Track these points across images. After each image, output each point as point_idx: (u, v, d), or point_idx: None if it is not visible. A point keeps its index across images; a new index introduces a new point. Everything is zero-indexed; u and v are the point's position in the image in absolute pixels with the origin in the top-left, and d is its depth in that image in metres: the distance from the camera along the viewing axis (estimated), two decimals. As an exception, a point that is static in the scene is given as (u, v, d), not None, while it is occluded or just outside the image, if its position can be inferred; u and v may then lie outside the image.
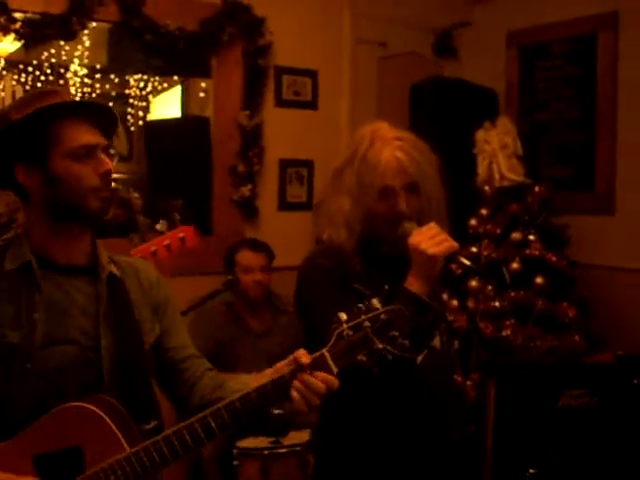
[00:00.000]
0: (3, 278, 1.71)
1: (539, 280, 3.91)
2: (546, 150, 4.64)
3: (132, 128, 7.62)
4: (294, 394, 1.60)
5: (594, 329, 4.01)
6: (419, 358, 2.06)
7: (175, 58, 4.23)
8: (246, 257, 3.78)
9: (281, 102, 4.47)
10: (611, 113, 4.32)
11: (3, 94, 5.64)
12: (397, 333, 1.59)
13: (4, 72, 5.76)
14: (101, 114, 1.78)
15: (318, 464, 2.29)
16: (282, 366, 1.67)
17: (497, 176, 4.14)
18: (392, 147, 2.06)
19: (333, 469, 2.16)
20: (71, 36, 3.88)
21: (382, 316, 1.60)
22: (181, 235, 2.87)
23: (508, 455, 3.22)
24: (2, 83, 5.35)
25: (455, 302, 3.59)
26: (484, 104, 4.52)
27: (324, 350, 1.60)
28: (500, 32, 4.86)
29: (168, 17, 3.99)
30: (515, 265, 3.93)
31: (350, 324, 1.59)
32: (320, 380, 1.60)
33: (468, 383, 3.69)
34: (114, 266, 1.84)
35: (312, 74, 4.59)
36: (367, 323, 1.59)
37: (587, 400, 3.65)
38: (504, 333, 3.79)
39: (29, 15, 3.66)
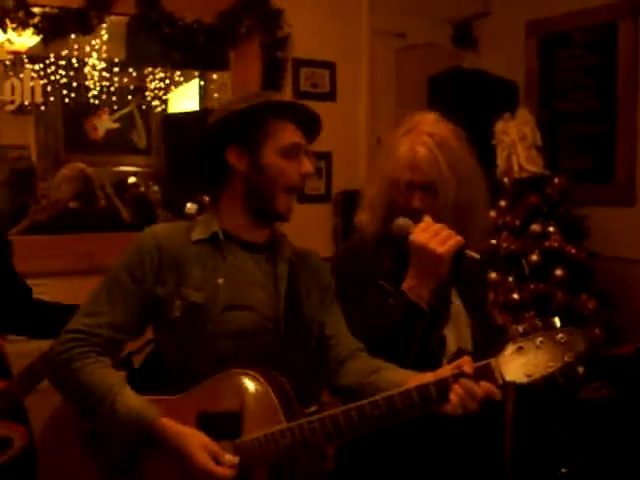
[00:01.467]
0: (192, 246, 1.87)
1: (559, 272, 3.88)
2: (566, 141, 4.61)
3: (151, 122, 7.64)
4: (453, 397, 1.60)
5: (614, 321, 3.99)
6: (444, 361, 2.01)
7: (193, 51, 4.23)
8: None
9: (299, 94, 4.46)
10: (631, 103, 4.28)
11: (22, 89, 5.66)
12: (571, 356, 1.57)
13: (24, 67, 5.79)
14: (309, 118, 1.98)
15: (340, 457, 2.27)
16: (444, 370, 1.67)
17: (516, 167, 4.12)
18: (416, 141, 2.01)
19: (355, 462, 2.14)
20: (89, 30, 3.89)
21: (559, 336, 1.58)
22: None
23: (529, 449, 3.21)
24: (21, 77, 5.37)
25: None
26: (504, 95, 4.48)
27: (492, 360, 1.59)
28: (519, 22, 4.82)
29: (186, 10, 4.00)
30: (534, 257, 3.91)
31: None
32: (482, 389, 1.60)
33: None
34: (289, 248, 1.98)
35: (330, 66, 4.58)
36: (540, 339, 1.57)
37: (607, 392, 3.64)
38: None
39: (47, 10, 3.68)
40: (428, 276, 1.91)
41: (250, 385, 1.72)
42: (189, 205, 3.73)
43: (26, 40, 4.21)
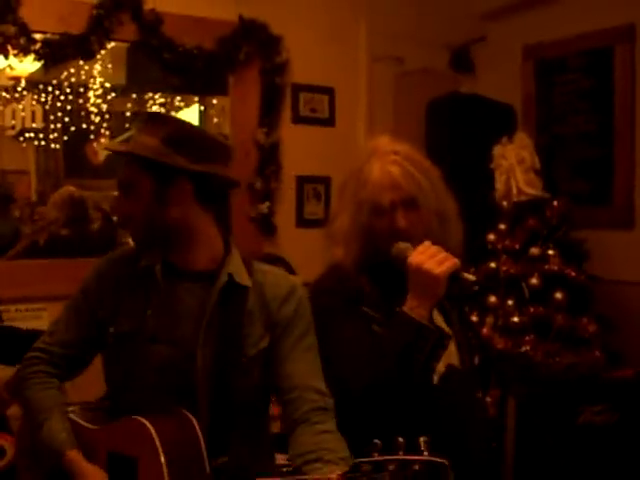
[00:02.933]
0: (137, 272, 1.85)
1: (558, 295, 3.88)
2: (564, 164, 4.63)
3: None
4: None
5: (614, 344, 3.98)
6: (435, 378, 2.02)
7: (193, 76, 4.25)
8: None
9: (298, 119, 4.49)
10: (629, 126, 4.30)
11: (23, 114, 5.69)
12: None
13: (24, 92, 5.82)
14: None
15: None
16: None
17: (515, 191, 4.13)
18: (385, 162, 2.02)
19: None
20: (90, 56, 3.92)
21: (415, 466, 1.36)
22: None
23: (530, 473, 3.20)
24: (22, 103, 5.40)
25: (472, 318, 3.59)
26: (501, 120, 4.51)
27: (333, 476, 1.43)
28: (516, 47, 4.85)
29: (186, 36, 4.03)
30: (534, 280, 3.91)
31: (374, 459, 1.37)
32: None
33: (488, 400, 3.67)
34: (246, 274, 1.87)
35: (329, 91, 4.60)
36: (391, 466, 1.36)
37: (609, 416, 3.63)
38: (523, 349, 3.77)
39: (48, 36, 3.71)
40: (426, 296, 1.90)
41: (143, 434, 1.66)
42: None
43: (27, 66, 4.23)
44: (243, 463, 1.78)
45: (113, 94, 6.81)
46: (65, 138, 7.12)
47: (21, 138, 6.44)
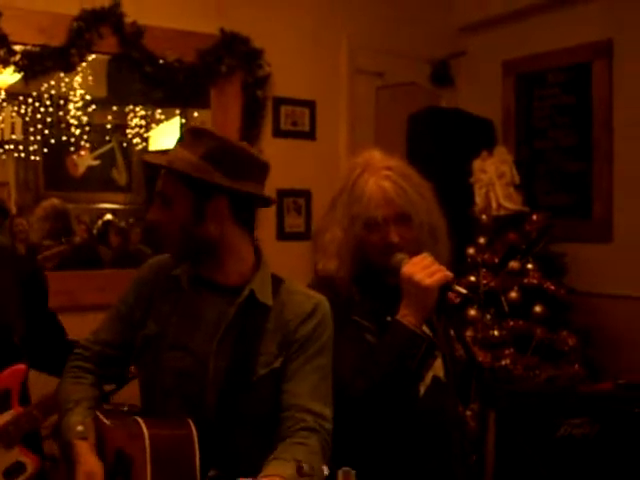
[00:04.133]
0: (169, 280, 1.92)
1: (538, 309, 3.90)
2: (544, 178, 4.66)
3: (131, 159, 7.64)
4: None
5: (593, 357, 4.00)
6: (421, 390, 2.04)
7: (174, 89, 4.25)
8: None
9: (279, 132, 4.50)
10: (607, 141, 4.35)
11: (3, 125, 5.66)
12: None
13: (4, 104, 5.78)
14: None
15: None
16: None
17: (494, 205, 4.16)
18: (378, 177, 2.04)
19: None
20: (70, 68, 3.91)
21: None
22: None
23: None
24: (2, 115, 5.36)
25: (452, 332, 3.59)
26: (481, 134, 4.54)
27: None
28: (496, 61, 4.90)
29: (167, 49, 4.03)
30: (513, 294, 3.93)
31: None
32: None
33: (468, 413, 3.67)
34: (270, 292, 1.89)
35: (310, 104, 4.62)
36: None
37: (588, 429, 3.64)
38: (503, 362, 3.78)
39: (29, 47, 3.70)
40: (417, 307, 1.93)
41: (139, 436, 1.71)
42: None
43: (7, 77, 4.21)
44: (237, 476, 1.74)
45: (94, 106, 6.76)
46: (45, 150, 7.09)
47: (0, 150, 6.39)
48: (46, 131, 6.68)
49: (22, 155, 7.03)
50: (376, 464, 1.99)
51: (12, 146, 6.53)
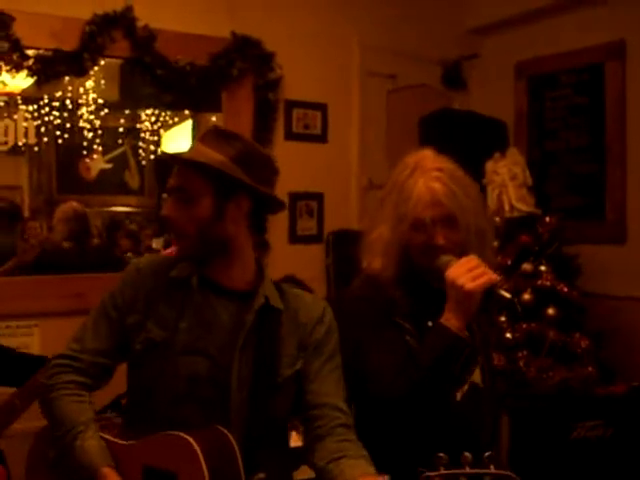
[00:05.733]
0: (168, 282, 1.88)
1: (551, 311, 3.88)
2: (556, 180, 4.64)
3: (143, 162, 7.67)
4: None
5: (607, 360, 3.98)
6: (458, 395, 2.03)
7: (186, 93, 4.26)
8: None
9: (291, 135, 4.50)
10: (620, 142, 4.33)
11: (16, 129, 5.68)
12: None
13: (17, 108, 5.82)
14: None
15: None
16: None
17: (507, 207, 4.14)
18: (428, 178, 2.03)
19: None
20: (83, 72, 3.91)
21: (486, 478, 1.49)
22: None
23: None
24: (15, 119, 5.39)
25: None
26: (493, 135, 4.52)
27: None
28: (508, 63, 4.89)
29: (179, 52, 4.03)
30: (527, 296, 3.91)
31: (446, 472, 1.49)
32: None
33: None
34: (278, 297, 1.93)
35: (322, 107, 4.62)
36: (463, 479, 1.48)
37: (602, 431, 3.62)
38: (517, 365, 3.76)
39: (41, 52, 3.71)
40: (460, 310, 1.92)
41: (185, 449, 1.68)
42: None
43: (20, 82, 4.23)
44: (276, 478, 1.81)
45: (106, 110, 6.81)
46: (58, 154, 7.14)
47: (14, 154, 6.43)
48: (59, 135, 6.72)
49: (35, 159, 7.08)
50: (403, 464, 1.97)
51: (25, 150, 6.57)
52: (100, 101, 6.64)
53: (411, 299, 2.07)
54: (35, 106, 6.37)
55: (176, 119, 7.51)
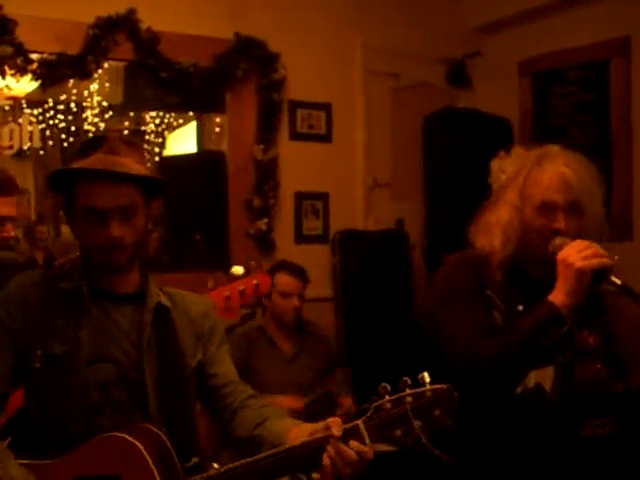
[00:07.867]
0: (58, 296, 1.85)
1: (558, 308, 3.87)
2: (562, 177, 4.63)
3: (148, 164, 7.68)
4: (325, 460, 1.60)
5: (616, 357, 3.96)
6: (519, 389, 2.04)
7: (190, 94, 4.27)
8: (286, 282, 3.72)
9: (296, 135, 4.50)
10: (626, 138, 4.32)
11: (21, 133, 5.69)
12: (439, 412, 1.56)
13: (22, 112, 5.83)
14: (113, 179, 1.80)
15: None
16: (318, 428, 1.67)
17: (513, 205, 4.13)
18: (559, 164, 2.07)
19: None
20: (87, 75, 3.93)
21: (428, 393, 1.57)
22: (256, 282, 2.94)
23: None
24: (20, 123, 5.40)
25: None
26: (498, 133, 4.52)
27: (359, 421, 1.60)
28: (512, 61, 4.88)
29: (183, 54, 4.05)
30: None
31: (392, 397, 1.58)
32: (354, 450, 1.59)
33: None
34: (164, 297, 1.96)
35: (326, 107, 4.62)
36: (409, 399, 1.57)
37: (611, 429, 3.60)
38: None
39: (45, 56, 3.72)
40: (569, 289, 1.95)
41: (124, 447, 1.68)
42: (235, 268, 3.70)
43: (24, 85, 4.23)
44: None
45: (110, 113, 6.82)
46: (63, 157, 7.14)
47: (19, 158, 6.44)
48: (64, 138, 6.73)
49: (41, 162, 7.09)
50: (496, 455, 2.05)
51: (31, 154, 6.58)
52: (104, 104, 6.63)
53: (510, 283, 2.10)
54: (40, 110, 6.37)
55: (180, 121, 7.51)
